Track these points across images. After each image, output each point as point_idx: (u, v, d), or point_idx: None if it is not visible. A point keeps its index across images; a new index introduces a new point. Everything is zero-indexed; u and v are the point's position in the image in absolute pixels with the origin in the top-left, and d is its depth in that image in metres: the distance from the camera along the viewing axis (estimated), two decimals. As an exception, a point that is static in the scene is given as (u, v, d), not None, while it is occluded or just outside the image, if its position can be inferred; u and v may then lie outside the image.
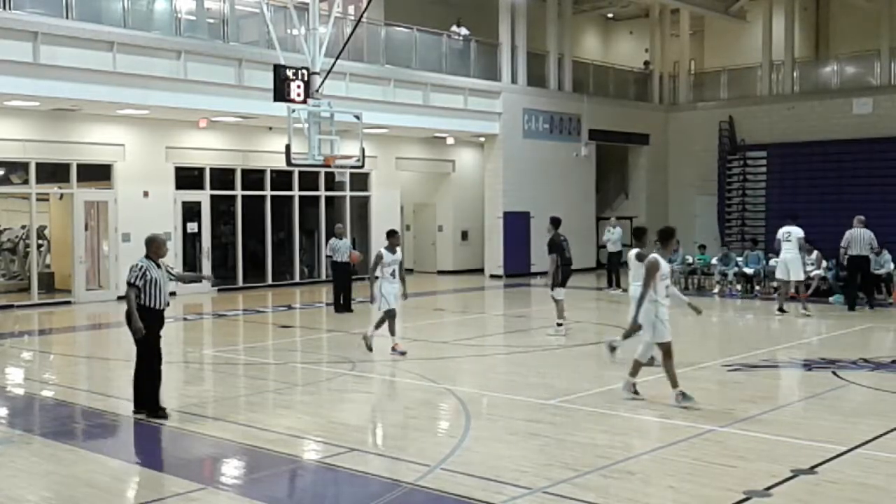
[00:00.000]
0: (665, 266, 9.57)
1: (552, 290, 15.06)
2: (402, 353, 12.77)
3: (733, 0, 30.73)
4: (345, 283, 18.75)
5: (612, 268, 23.06)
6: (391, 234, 13.23)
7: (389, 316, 12.80)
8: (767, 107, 29.91)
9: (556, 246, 14.95)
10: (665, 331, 9.44)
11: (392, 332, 12.87)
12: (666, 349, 9.44)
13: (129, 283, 8.99)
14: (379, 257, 12.91)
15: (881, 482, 6.88)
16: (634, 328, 10.43)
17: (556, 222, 15.22)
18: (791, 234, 17.64)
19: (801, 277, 17.79)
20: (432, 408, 9.86)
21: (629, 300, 11.25)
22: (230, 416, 9.35)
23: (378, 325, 12.98)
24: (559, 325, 14.85)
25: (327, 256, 19.54)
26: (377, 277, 12.79)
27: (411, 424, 9.02)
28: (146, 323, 8.90)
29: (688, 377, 11.23)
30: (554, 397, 9.97)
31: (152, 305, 8.99)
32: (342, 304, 18.53)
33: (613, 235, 23.29)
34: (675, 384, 9.36)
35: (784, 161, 28.80)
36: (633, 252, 11.94)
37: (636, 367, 9.78)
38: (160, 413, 9.01)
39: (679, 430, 8.35)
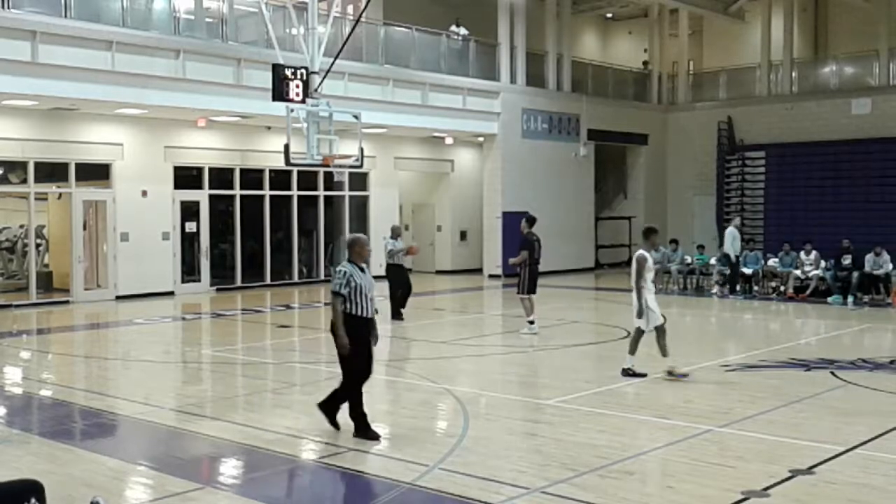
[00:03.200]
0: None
1: (518, 293, 15.11)
2: (684, 375, 10.71)
3: (732, 0, 30.74)
4: (403, 286, 16.97)
5: None
6: (651, 232, 11.09)
7: (660, 332, 10.84)
8: (766, 107, 29.92)
9: (528, 244, 14.99)
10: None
11: (664, 352, 10.85)
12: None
13: (334, 293, 8.04)
14: (643, 260, 10.65)
15: (879, 482, 6.88)
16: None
17: (531, 221, 15.33)
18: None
19: None
20: (431, 408, 9.85)
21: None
22: (229, 415, 9.34)
23: (635, 347, 10.98)
24: (530, 322, 14.87)
25: (387, 258, 17.13)
26: (642, 287, 10.64)
27: (410, 424, 9.01)
28: (354, 334, 7.99)
29: (687, 377, 11.25)
30: (552, 397, 9.97)
31: (359, 314, 8.05)
32: (398, 311, 16.84)
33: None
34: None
35: (783, 161, 28.81)
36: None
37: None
38: (371, 434, 8.06)
39: (677, 431, 8.35)
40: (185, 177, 22.12)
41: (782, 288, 20.61)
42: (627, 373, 10.96)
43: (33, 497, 4.82)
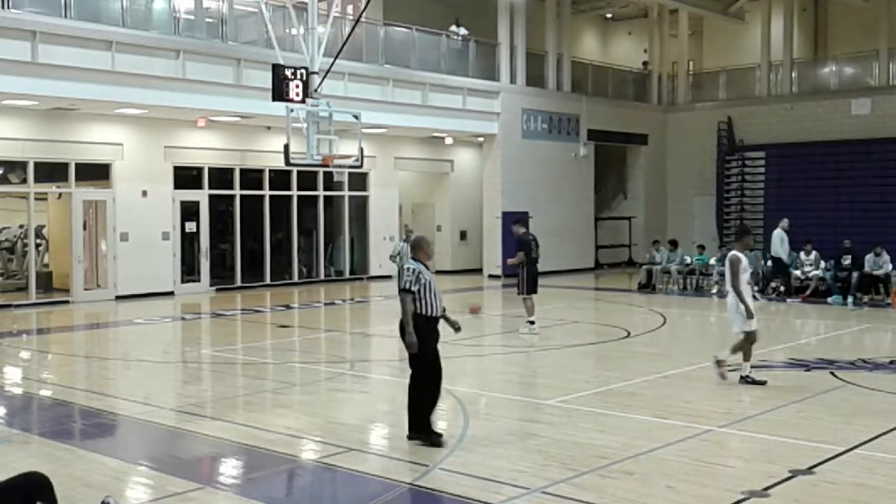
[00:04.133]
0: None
1: (518, 294, 15.12)
2: (722, 376, 10.48)
3: (732, 0, 30.74)
4: None
5: None
6: (743, 233, 10.75)
7: (750, 340, 10.43)
8: (766, 107, 29.92)
9: (525, 244, 15.01)
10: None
11: (735, 350, 10.51)
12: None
13: (403, 290, 7.93)
14: (737, 262, 10.24)
15: (879, 482, 6.88)
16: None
17: (523, 222, 15.41)
18: None
19: None
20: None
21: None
22: (228, 415, 9.34)
23: (742, 349, 10.46)
24: (531, 322, 14.87)
25: (391, 257, 18.06)
26: (740, 289, 10.20)
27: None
28: (422, 333, 7.93)
29: (687, 377, 11.27)
30: (552, 397, 9.97)
31: (428, 313, 8.01)
32: None
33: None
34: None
35: (783, 161, 28.81)
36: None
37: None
38: (434, 440, 7.89)
39: (677, 430, 8.35)
40: (185, 177, 22.11)
41: (782, 288, 20.61)
42: (746, 380, 10.34)
43: (39, 500, 4.78)
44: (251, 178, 23.50)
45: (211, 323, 17.95)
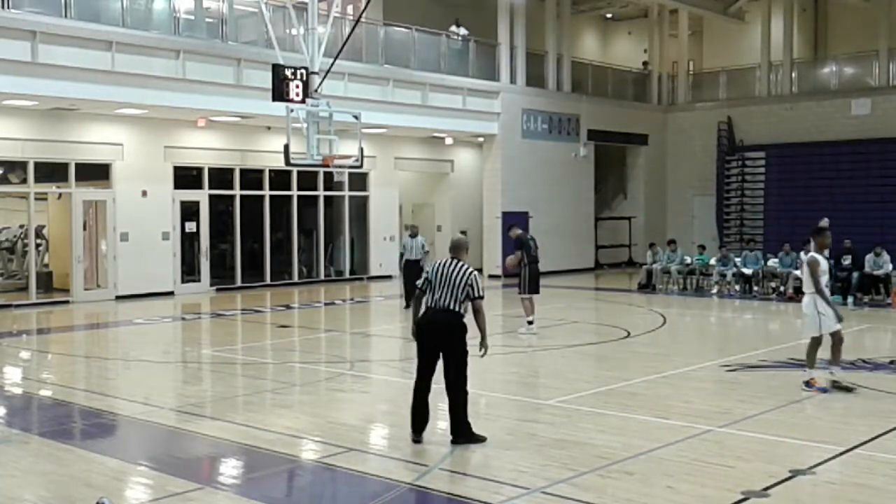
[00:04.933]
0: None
1: (520, 293, 15.12)
2: (825, 391, 9.98)
3: (732, 0, 30.74)
4: (414, 280, 17.95)
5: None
6: (818, 232, 10.54)
7: (837, 339, 10.16)
8: (766, 107, 29.92)
9: (524, 244, 15.02)
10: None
11: (812, 362, 10.22)
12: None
13: (479, 297, 8.10)
14: (815, 263, 10.09)
15: (879, 483, 6.88)
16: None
17: (520, 225, 15.47)
18: None
19: None
20: (430, 408, 9.83)
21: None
22: (228, 415, 9.34)
23: (837, 355, 10.12)
24: (529, 322, 14.87)
25: (401, 254, 19.54)
26: (817, 291, 10.01)
27: (409, 424, 8.99)
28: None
29: (687, 377, 11.28)
30: (552, 397, 9.97)
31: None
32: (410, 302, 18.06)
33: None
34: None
35: (782, 161, 28.82)
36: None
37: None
38: (479, 437, 7.98)
39: (677, 430, 8.35)
40: (185, 177, 22.11)
41: (782, 288, 20.61)
42: (810, 385, 10.07)
43: None
44: (251, 178, 23.50)
45: (211, 323, 17.95)
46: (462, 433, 7.93)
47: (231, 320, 18.12)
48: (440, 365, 8.08)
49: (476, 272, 8.19)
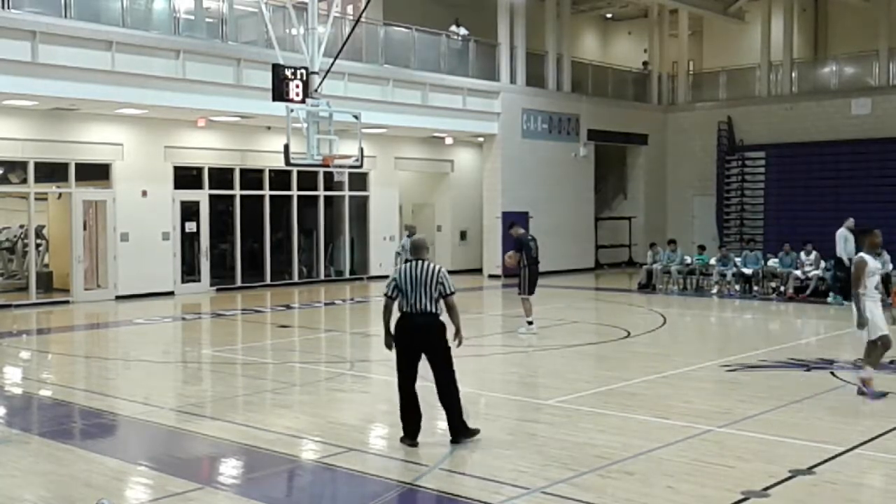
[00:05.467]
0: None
1: (519, 294, 15.12)
2: (882, 396, 9.62)
3: (732, 0, 30.74)
4: None
5: None
6: (865, 233, 10.32)
7: (885, 344, 9.78)
8: (766, 107, 29.92)
9: (524, 245, 15.02)
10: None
11: (872, 363, 9.87)
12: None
13: (451, 293, 8.10)
14: (862, 265, 9.79)
15: (879, 482, 6.88)
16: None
17: (521, 224, 15.47)
18: None
19: None
20: (430, 407, 9.82)
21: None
22: (228, 415, 9.34)
23: (871, 357, 9.82)
24: (529, 323, 14.88)
25: (397, 253, 19.82)
26: (862, 293, 9.68)
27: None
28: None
29: (687, 377, 11.28)
30: (552, 397, 9.97)
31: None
32: None
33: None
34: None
35: (782, 161, 28.82)
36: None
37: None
38: (474, 431, 8.08)
39: (677, 431, 8.35)
40: (185, 177, 22.11)
41: (782, 288, 20.61)
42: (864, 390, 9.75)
43: None
44: (251, 178, 23.50)
45: (211, 323, 17.95)
46: (460, 431, 7.96)
47: (231, 320, 18.12)
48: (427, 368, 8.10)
49: (444, 268, 8.22)
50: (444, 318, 8.05)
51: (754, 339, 15.47)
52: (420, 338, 7.94)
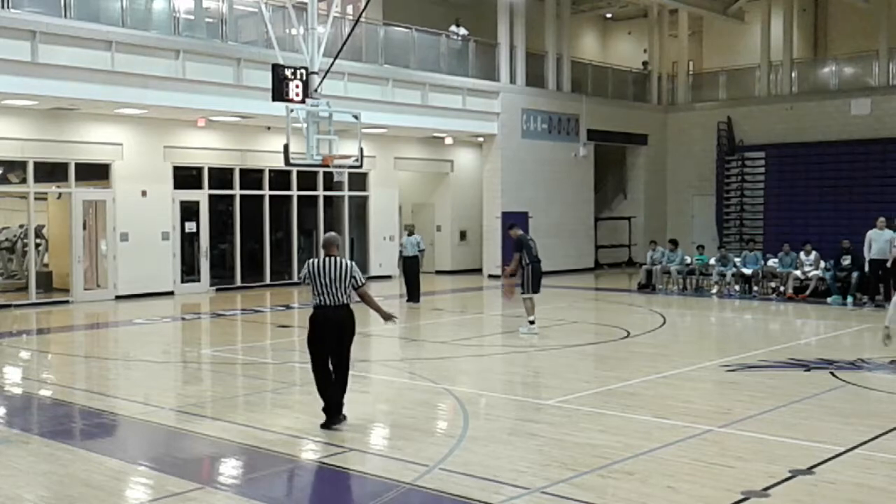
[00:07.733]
0: None
1: (521, 293, 15.11)
2: None
3: (732, 1, 30.75)
4: (412, 276, 19.89)
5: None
6: None
7: None
8: (766, 107, 29.93)
9: (524, 245, 15.01)
10: None
11: None
12: None
13: (362, 285, 9.07)
14: None
15: (879, 483, 6.88)
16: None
17: (520, 225, 15.49)
18: None
19: None
20: (430, 408, 9.85)
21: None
22: (228, 415, 9.34)
23: None
24: (531, 322, 14.87)
25: (399, 251, 20.83)
26: None
27: (409, 424, 9.01)
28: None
29: (686, 377, 11.27)
30: (552, 397, 9.97)
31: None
32: (412, 295, 19.80)
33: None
34: None
35: (782, 161, 28.83)
36: None
37: None
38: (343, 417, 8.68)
39: (677, 431, 8.35)
40: (185, 177, 22.11)
41: (782, 288, 20.62)
42: None
43: None
44: (251, 178, 23.50)
45: (211, 323, 17.94)
46: (338, 412, 8.54)
47: (231, 320, 18.11)
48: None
49: (353, 263, 8.93)
50: (354, 307, 8.80)
51: (754, 340, 15.47)
52: (338, 329, 8.62)
